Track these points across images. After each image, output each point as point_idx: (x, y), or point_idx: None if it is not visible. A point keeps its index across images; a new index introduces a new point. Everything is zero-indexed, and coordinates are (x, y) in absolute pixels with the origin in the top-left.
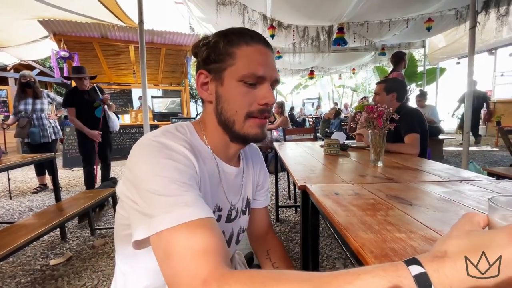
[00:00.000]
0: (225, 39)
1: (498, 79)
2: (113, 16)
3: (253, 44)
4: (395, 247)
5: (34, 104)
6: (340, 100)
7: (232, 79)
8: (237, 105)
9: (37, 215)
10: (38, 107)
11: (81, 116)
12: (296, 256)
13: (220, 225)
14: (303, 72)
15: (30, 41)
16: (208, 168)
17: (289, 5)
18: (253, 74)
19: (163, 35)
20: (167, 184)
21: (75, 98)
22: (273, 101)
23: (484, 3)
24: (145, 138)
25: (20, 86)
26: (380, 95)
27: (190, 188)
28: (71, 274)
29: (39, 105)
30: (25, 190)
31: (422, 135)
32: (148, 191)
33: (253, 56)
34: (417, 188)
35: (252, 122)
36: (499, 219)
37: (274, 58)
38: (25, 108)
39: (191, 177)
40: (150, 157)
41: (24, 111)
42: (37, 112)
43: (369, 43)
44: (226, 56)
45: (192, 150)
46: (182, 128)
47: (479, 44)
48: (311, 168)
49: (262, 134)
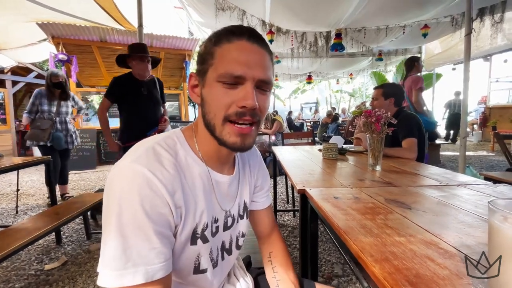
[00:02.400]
0: (212, 39)
1: (493, 85)
2: (112, 20)
3: (234, 40)
4: (395, 251)
5: (59, 106)
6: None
7: (212, 80)
8: (215, 107)
9: (32, 219)
10: (63, 110)
11: (129, 115)
12: (295, 261)
13: (218, 235)
14: (301, 77)
15: (29, 44)
16: (198, 183)
17: (288, 10)
18: (228, 73)
19: (162, 39)
20: (131, 237)
21: (124, 89)
22: (252, 105)
23: (479, 10)
24: (123, 167)
25: (50, 85)
26: (378, 100)
27: (155, 240)
28: (66, 279)
29: (65, 107)
30: (20, 193)
31: (419, 140)
32: (109, 234)
33: (231, 53)
34: (416, 192)
35: (230, 129)
36: (498, 222)
37: (266, 54)
38: (49, 109)
39: (163, 223)
40: (119, 205)
41: (48, 112)
42: (62, 115)
43: (366, 49)
44: (208, 56)
45: (176, 170)
46: (172, 140)
47: (474, 51)
48: (309, 172)
49: (242, 144)
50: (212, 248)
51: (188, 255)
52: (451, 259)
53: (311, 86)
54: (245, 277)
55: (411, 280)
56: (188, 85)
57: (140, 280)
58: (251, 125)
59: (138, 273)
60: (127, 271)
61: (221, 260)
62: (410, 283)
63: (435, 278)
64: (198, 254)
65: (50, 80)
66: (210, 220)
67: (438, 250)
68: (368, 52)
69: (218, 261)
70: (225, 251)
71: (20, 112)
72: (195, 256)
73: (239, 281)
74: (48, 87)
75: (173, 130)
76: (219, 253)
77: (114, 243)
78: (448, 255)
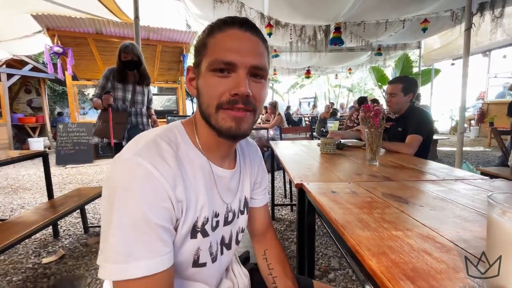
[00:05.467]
0: (206, 31)
1: (492, 80)
2: (108, 12)
3: (226, 29)
4: (392, 245)
5: (135, 93)
6: (336, 99)
7: (205, 70)
8: (209, 96)
9: (29, 213)
10: (139, 99)
11: None
12: (291, 254)
13: (218, 229)
14: (299, 71)
15: (23, 36)
16: (199, 177)
17: (287, 3)
18: (218, 60)
19: (159, 31)
20: (131, 228)
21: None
22: (244, 91)
23: (480, 5)
24: (124, 160)
25: (121, 64)
26: (397, 96)
27: (155, 233)
28: (63, 273)
29: (141, 96)
30: (16, 187)
31: (428, 138)
32: (111, 227)
33: (223, 41)
34: (413, 186)
35: (224, 114)
36: (497, 216)
37: (259, 41)
38: (124, 96)
39: (164, 217)
40: (122, 197)
41: (122, 100)
42: (138, 106)
43: (366, 43)
44: (201, 47)
45: (177, 164)
46: (173, 133)
47: (473, 46)
48: (307, 166)
49: (237, 129)
50: (212, 242)
51: (187, 249)
52: (448, 253)
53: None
54: (242, 272)
55: (408, 274)
56: (186, 79)
57: (143, 273)
58: (245, 111)
59: (140, 266)
60: (129, 265)
61: (220, 254)
62: (407, 277)
63: (432, 272)
64: (198, 248)
65: (119, 57)
66: (210, 214)
67: (435, 244)
68: (367, 46)
69: (217, 255)
70: (224, 245)
71: (16, 105)
72: (195, 249)
73: (236, 277)
74: (120, 64)
75: (173, 123)
76: (219, 247)
77: (115, 236)
78: (445, 249)
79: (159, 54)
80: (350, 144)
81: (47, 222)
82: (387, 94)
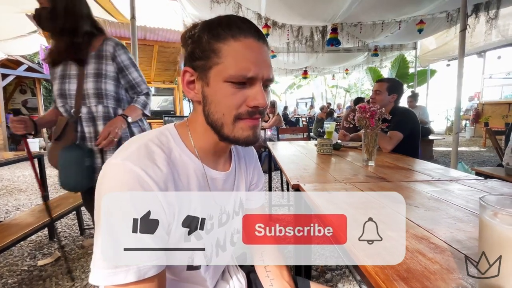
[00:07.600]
0: (210, 33)
1: (487, 81)
2: (104, 11)
3: (241, 38)
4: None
5: (82, 77)
6: (333, 100)
7: (218, 80)
8: (225, 107)
9: (24, 215)
10: (90, 88)
11: None
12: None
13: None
14: (297, 72)
15: (18, 36)
16: (192, 180)
17: (284, 4)
18: (241, 75)
19: (156, 31)
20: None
21: None
22: (264, 104)
23: (475, 6)
24: (114, 165)
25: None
26: (382, 94)
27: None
28: (59, 275)
29: (93, 80)
30: (11, 188)
31: (412, 137)
32: (102, 230)
33: (242, 53)
34: (408, 187)
35: (243, 124)
36: (489, 218)
37: (268, 51)
38: (62, 88)
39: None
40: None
41: (61, 97)
42: (90, 101)
43: (362, 44)
44: (210, 52)
45: (169, 167)
46: (165, 136)
47: (468, 47)
48: (304, 167)
49: (254, 137)
50: (206, 244)
51: (181, 252)
52: (442, 253)
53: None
54: (238, 274)
55: (402, 274)
56: (182, 81)
57: (133, 278)
58: (257, 118)
59: (130, 272)
60: (119, 269)
61: (216, 256)
62: (401, 278)
63: (426, 273)
64: (192, 251)
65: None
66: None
67: (429, 245)
68: (363, 47)
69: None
70: (219, 247)
71: (11, 105)
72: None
73: (232, 278)
74: None
75: (166, 126)
76: (214, 249)
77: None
78: (439, 249)
79: (156, 55)
80: (347, 145)
81: (42, 224)
82: (373, 92)
